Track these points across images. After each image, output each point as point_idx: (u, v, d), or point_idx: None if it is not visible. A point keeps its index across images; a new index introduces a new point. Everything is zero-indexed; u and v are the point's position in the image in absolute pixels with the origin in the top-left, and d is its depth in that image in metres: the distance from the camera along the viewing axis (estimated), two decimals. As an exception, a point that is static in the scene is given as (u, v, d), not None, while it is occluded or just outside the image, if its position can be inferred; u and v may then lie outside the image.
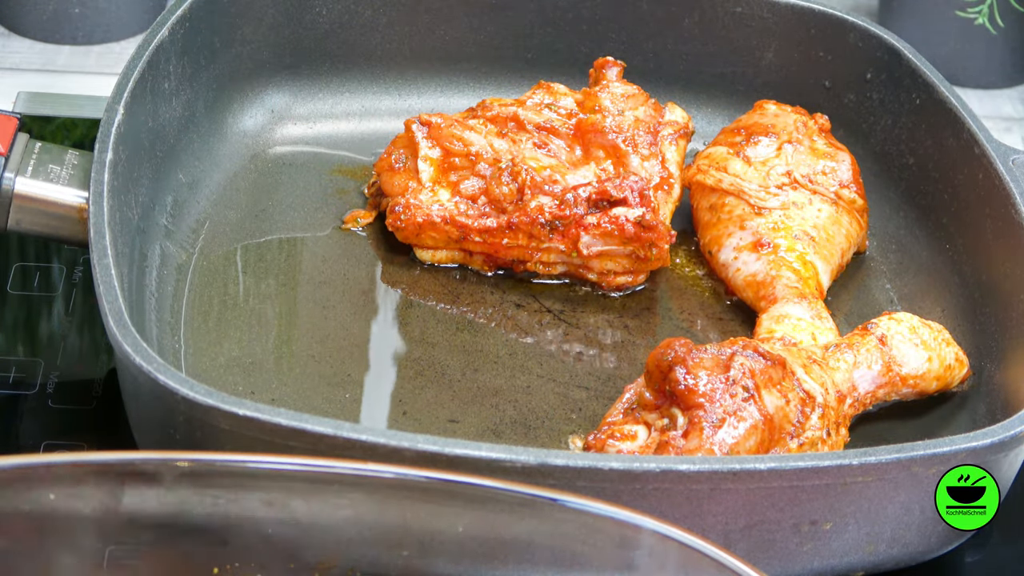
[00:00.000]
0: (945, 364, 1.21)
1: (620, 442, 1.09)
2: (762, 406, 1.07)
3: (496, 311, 1.28)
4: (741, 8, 1.45)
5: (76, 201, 1.18)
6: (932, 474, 1.05)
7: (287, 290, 1.28)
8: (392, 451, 0.97)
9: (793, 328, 1.22)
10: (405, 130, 1.33)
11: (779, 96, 1.41)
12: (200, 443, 1.00)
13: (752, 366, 1.09)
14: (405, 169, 1.31)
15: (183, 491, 0.87)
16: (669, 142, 1.34)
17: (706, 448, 1.05)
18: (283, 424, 0.98)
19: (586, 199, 1.27)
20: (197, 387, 0.99)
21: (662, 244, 1.27)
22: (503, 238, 1.28)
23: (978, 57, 1.64)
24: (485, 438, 1.16)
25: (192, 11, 1.31)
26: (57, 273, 1.31)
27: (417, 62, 1.46)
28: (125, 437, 1.11)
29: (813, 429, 1.11)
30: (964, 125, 1.32)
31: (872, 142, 1.43)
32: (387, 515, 0.89)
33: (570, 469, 0.98)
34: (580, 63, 1.45)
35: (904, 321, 1.21)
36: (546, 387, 1.21)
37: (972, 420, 1.21)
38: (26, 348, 1.25)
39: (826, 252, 1.30)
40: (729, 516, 1.02)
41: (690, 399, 1.06)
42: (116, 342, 1.02)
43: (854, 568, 1.09)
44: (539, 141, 1.32)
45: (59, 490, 0.85)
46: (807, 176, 1.32)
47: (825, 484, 1.03)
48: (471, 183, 1.30)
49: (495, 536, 0.88)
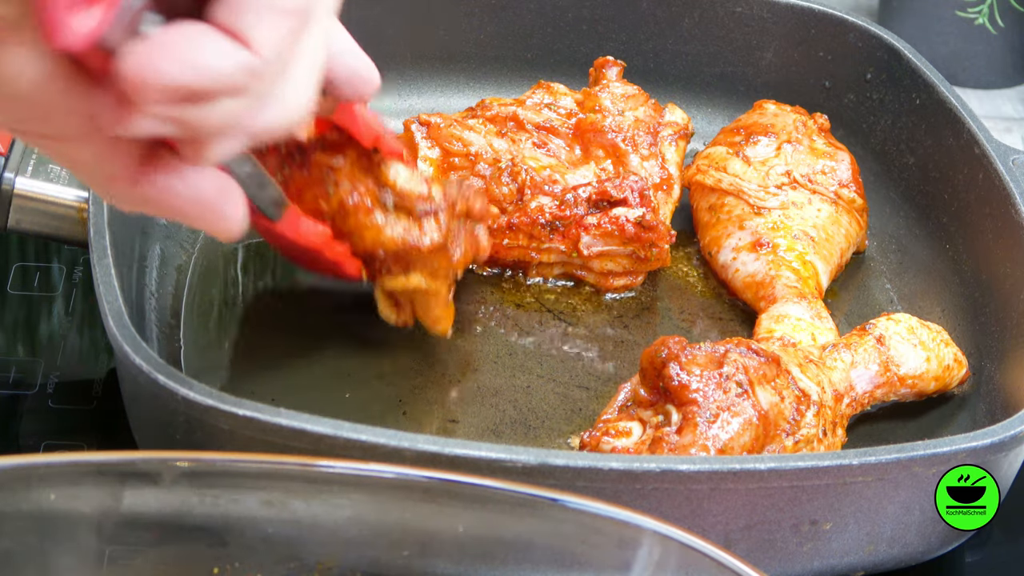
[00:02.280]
0: (943, 365, 1.21)
1: (615, 439, 1.09)
2: (756, 402, 1.08)
3: (496, 311, 1.28)
4: (741, 8, 1.45)
5: (76, 201, 1.18)
6: (932, 474, 1.05)
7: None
8: (392, 451, 0.97)
9: (793, 328, 1.22)
10: (404, 130, 1.33)
11: (779, 96, 1.41)
12: (200, 443, 1.00)
13: (746, 363, 1.09)
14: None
15: (183, 491, 0.86)
16: (669, 142, 1.34)
17: (700, 444, 1.05)
18: (283, 424, 0.98)
19: (586, 199, 1.27)
20: (197, 387, 0.99)
21: (662, 244, 1.27)
22: (503, 239, 1.28)
23: (978, 57, 1.64)
24: (485, 438, 1.16)
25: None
26: (57, 273, 1.31)
27: (417, 62, 1.46)
28: (125, 437, 1.11)
29: (809, 427, 1.11)
30: (964, 125, 1.32)
31: (872, 142, 1.43)
32: (387, 515, 0.89)
33: (570, 469, 0.98)
34: (580, 63, 1.45)
35: (902, 322, 1.21)
36: (546, 387, 1.22)
37: (972, 420, 1.21)
38: (26, 348, 1.25)
39: (826, 252, 1.30)
40: (729, 516, 1.02)
41: (684, 395, 1.07)
42: (116, 342, 1.02)
43: (854, 568, 1.09)
44: (539, 141, 1.32)
45: (59, 490, 0.85)
46: (806, 176, 1.32)
47: (825, 484, 1.03)
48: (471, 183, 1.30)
49: (495, 536, 0.88)
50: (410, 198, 1.12)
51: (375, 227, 1.12)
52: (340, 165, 1.11)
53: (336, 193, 1.11)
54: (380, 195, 1.12)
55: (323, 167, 1.11)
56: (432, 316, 1.18)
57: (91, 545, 0.87)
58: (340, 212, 1.11)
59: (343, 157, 1.11)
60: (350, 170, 1.11)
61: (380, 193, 1.12)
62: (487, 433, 1.17)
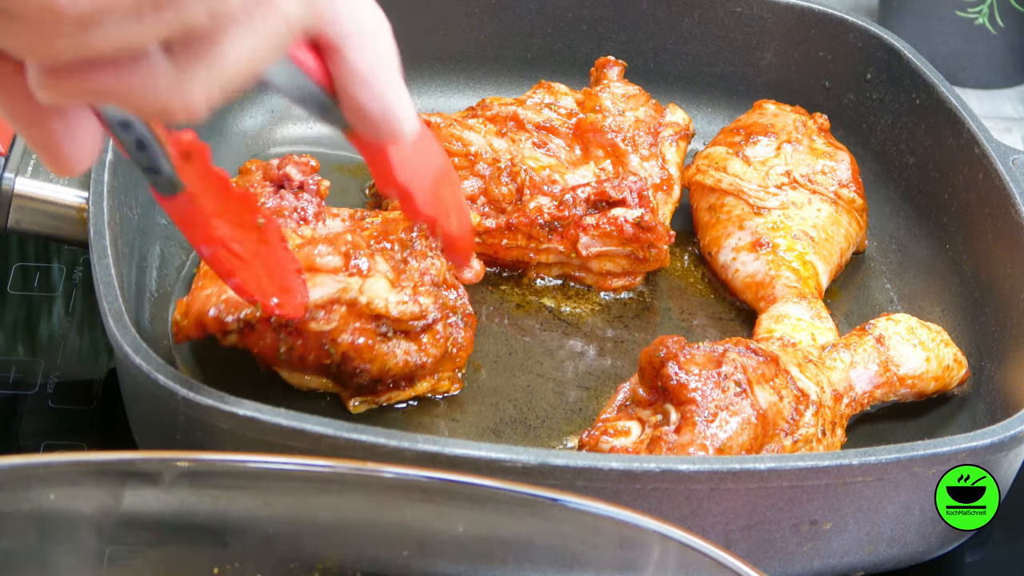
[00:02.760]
0: (943, 365, 1.21)
1: (614, 438, 1.09)
2: (755, 401, 1.08)
3: (496, 311, 1.28)
4: (741, 8, 1.45)
5: (76, 201, 1.18)
6: (932, 474, 1.05)
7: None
8: (392, 451, 0.97)
9: (793, 328, 1.22)
10: (405, 130, 1.33)
11: (779, 96, 1.41)
12: (200, 443, 1.00)
13: (744, 362, 1.09)
14: None
15: (183, 491, 0.86)
16: (669, 143, 1.34)
17: (698, 443, 1.05)
18: (283, 424, 0.98)
19: (585, 200, 1.27)
20: (197, 387, 0.99)
21: (661, 245, 1.27)
22: (502, 239, 1.28)
23: (978, 57, 1.64)
24: (485, 438, 1.16)
25: (192, 11, 1.31)
26: (57, 273, 1.31)
27: (416, 62, 1.46)
28: (125, 437, 1.11)
29: (807, 426, 1.11)
30: (964, 125, 1.32)
31: (872, 142, 1.43)
32: (387, 515, 0.89)
33: (570, 469, 0.98)
34: (580, 63, 1.45)
35: (902, 322, 1.21)
36: (546, 387, 1.21)
37: (972, 420, 1.21)
38: (26, 348, 1.25)
39: (825, 252, 1.30)
40: (729, 516, 1.02)
41: (682, 394, 1.07)
42: (116, 342, 1.02)
43: (854, 568, 1.09)
44: (538, 141, 1.32)
45: (59, 490, 0.85)
46: (806, 176, 1.32)
47: (825, 484, 1.03)
48: (470, 183, 1.30)
49: (495, 536, 0.88)
50: (403, 321, 1.12)
51: (380, 358, 1.12)
52: (333, 327, 1.10)
53: (337, 349, 1.11)
54: (377, 329, 1.12)
55: (318, 334, 1.10)
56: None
57: (91, 545, 0.87)
58: (346, 358, 1.11)
59: (334, 317, 1.10)
60: (341, 324, 1.10)
61: (376, 327, 1.12)
62: (487, 433, 1.17)
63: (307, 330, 1.09)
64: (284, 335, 1.10)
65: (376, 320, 1.11)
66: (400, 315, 1.11)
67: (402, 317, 1.11)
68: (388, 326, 1.12)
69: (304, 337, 1.10)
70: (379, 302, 1.10)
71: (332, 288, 1.10)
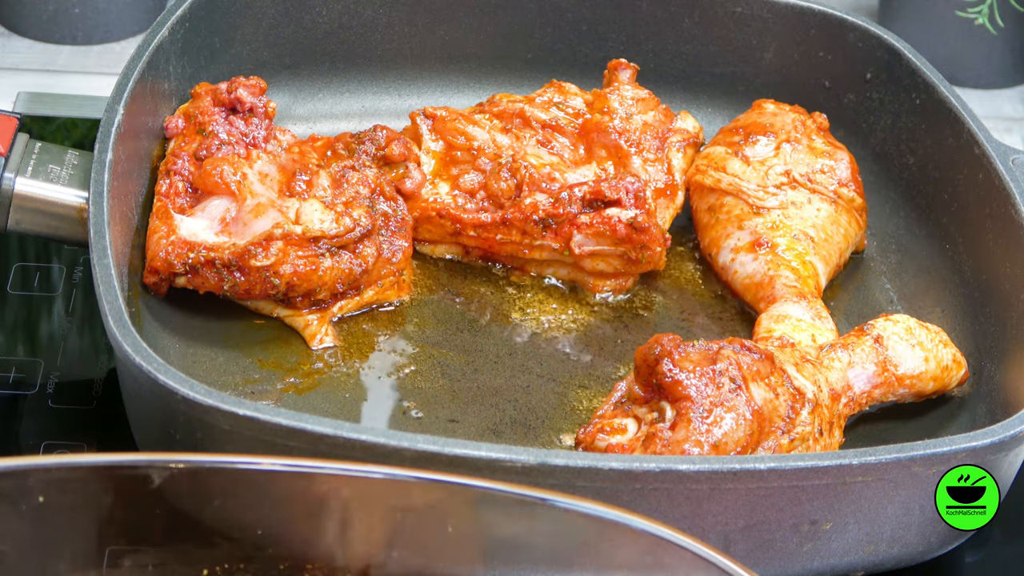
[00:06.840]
0: (942, 365, 1.21)
1: (610, 436, 1.09)
2: (750, 397, 1.08)
3: (496, 311, 1.28)
4: (741, 8, 1.45)
5: (76, 201, 1.18)
6: (932, 474, 1.05)
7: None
8: (392, 451, 0.97)
9: (792, 328, 1.22)
10: (410, 123, 1.33)
11: (779, 96, 1.41)
12: (200, 443, 1.00)
13: (739, 359, 1.09)
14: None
15: (181, 491, 0.87)
16: (676, 149, 1.34)
17: (693, 439, 1.05)
18: (283, 424, 0.98)
19: (581, 198, 1.27)
20: (197, 387, 1.00)
21: (654, 247, 1.27)
22: (496, 233, 1.28)
23: (978, 57, 1.64)
24: (485, 438, 1.16)
25: (192, 11, 1.31)
26: (57, 273, 1.31)
27: (417, 62, 1.46)
28: (125, 437, 1.11)
29: (804, 425, 1.11)
30: (964, 125, 1.32)
31: (872, 142, 1.43)
32: (386, 515, 0.89)
33: (570, 469, 0.98)
34: (580, 63, 1.45)
35: (901, 322, 1.21)
36: (546, 387, 1.22)
37: (972, 420, 1.21)
38: (26, 348, 1.25)
39: (825, 252, 1.30)
40: (729, 516, 1.02)
41: (677, 391, 1.07)
42: (116, 342, 1.02)
43: (854, 568, 1.09)
44: (543, 138, 1.32)
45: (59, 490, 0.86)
46: (806, 175, 1.32)
47: (825, 484, 1.03)
48: (471, 177, 1.30)
49: (493, 536, 0.88)
50: (340, 236, 1.20)
51: (322, 276, 1.20)
52: (272, 261, 1.18)
53: (281, 280, 1.18)
54: (316, 252, 1.20)
55: (259, 269, 1.18)
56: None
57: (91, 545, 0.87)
58: (290, 286, 1.19)
59: (273, 252, 1.18)
60: (281, 257, 1.18)
61: (315, 250, 1.20)
62: (487, 433, 1.17)
63: (249, 267, 1.18)
64: (227, 274, 1.18)
65: (314, 242, 1.20)
66: (336, 233, 1.20)
67: (338, 235, 1.20)
68: (326, 244, 1.19)
69: (246, 273, 1.18)
70: (314, 226, 1.19)
71: (268, 223, 1.18)
